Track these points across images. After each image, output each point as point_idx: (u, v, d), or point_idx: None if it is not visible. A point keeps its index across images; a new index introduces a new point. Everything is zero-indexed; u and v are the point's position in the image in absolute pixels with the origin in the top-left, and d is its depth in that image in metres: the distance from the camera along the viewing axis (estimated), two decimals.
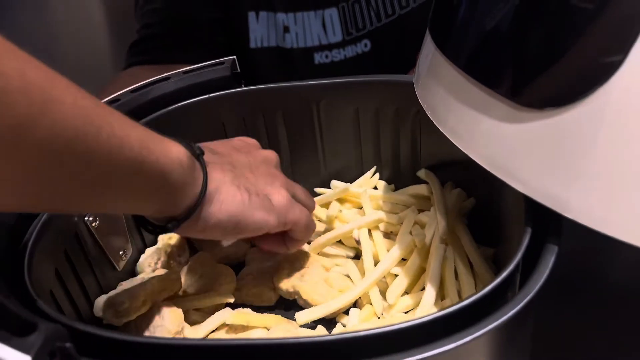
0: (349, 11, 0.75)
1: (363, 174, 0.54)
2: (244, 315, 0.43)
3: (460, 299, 0.39)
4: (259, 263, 0.49)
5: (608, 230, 0.28)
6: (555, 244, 0.32)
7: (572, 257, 0.41)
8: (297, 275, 0.46)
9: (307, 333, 0.42)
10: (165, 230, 0.38)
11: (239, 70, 0.52)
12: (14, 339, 0.27)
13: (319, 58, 0.76)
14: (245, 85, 0.51)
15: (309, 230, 0.45)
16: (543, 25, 0.30)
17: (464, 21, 0.35)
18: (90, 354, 0.29)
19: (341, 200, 0.52)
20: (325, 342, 0.29)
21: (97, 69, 1.01)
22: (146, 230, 0.39)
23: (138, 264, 0.49)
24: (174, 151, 0.34)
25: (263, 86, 0.51)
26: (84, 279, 0.43)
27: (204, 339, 0.42)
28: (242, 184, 0.40)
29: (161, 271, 0.48)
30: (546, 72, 0.30)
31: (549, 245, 0.32)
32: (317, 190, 0.55)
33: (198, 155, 0.38)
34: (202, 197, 0.37)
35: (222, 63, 0.51)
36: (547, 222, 0.33)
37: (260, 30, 0.75)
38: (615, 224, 0.28)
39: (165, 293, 0.43)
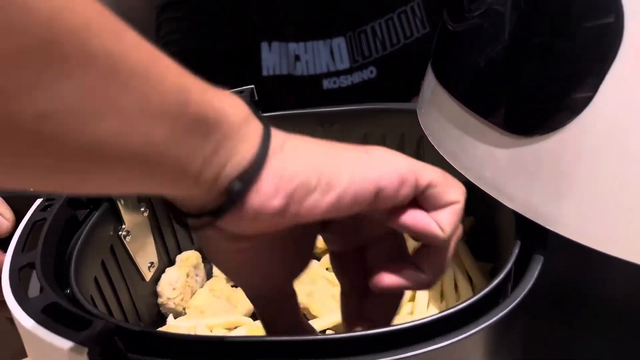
0: (356, 40, 0.77)
1: None
2: (257, 331, 0.43)
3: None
4: None
5: (588, 241, 0.31)
6: (541, 254, 0.34)
7: (563, 273, 0.42)
8: (304, 292, 0.47)
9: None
10: (215, 215, 0.25)
11: (257, 98, 0.53)
12: (72, 333, 0.30)
13: (327, 84, 0.77)
14: (262, 112, 0.54)
15: (451, 182, 0.28)
16: (528, 66, 0.33)
17: (461, 60, 0.38)
18: (134, 351, 0.30)
19: None
20: (328, 341, 0.29)
21: None
22: (181, 224, 0.27)
23: (159, 283, 0.50)
24: (223, 93, 0.24)
25: (279, 113, 0.53)
26: (117, 287, 0.45)
27: (238, 336, 0.41)
28: (321, 140, 0.28)
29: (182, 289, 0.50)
30: (532, 104, 0.33)
31: (535, 255, 0.34)
32: None
33: (254, 110, 0.26)
34: (266, 143, 0.25)
35: (242, 92, 0.52)
36: (535, 236, 0.34)
37: (273, 59, 0.77)
38: (594, 236, 0.31)
39: None
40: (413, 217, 0.27)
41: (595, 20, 0.30)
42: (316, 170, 0.25)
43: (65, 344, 0.30)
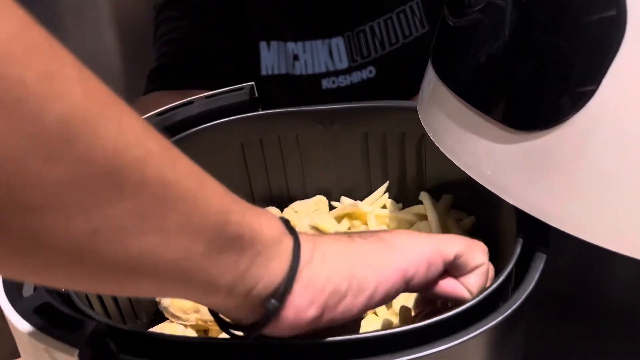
0: (354, 40, 0.77)
1: (371, 192, 0.55)
2: None
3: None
4: None
5: (591, 238, 0.30)
6: (544, 252, 0.33)
7: (566, 273, 0.42)
8: None
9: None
10: (254, 329, 0.27)
11: (257, 95, 0.53)
12: (63, 334, 0.30)
13: (326, 84, 0.78)
14: (262, 109, 0.53)
15: (475, 248, 0.31)
16: (529, 60, 0.32)
17: (461, 55, 0.38)
18: (127, 352, 0.30)
19: (351, 217, 0.53)
20: (327, 344, 0.29)
21: None
22: (233, 335, 0.29)
23: None
24: (261, 212, 0.27)
25: (279, 110, 0.52)
26: None
27: (235, 338, 0.42)
28: (344, 237, 0.30)
29: None
30: (533, 99, 0.32)
31: (538, 254, 0.34)
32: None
33: (287, 224, 0.28)
34: (297, 258, 0.26)
35: (242, 89, 0.52)
36: (536, 234, 0.34)
37: (271, 58, 0.77)
38: (597, 232, 0.30)
39: None
40: (443, 288, 0.31)
41: (597, 13, 0.30)
42: (346, 276, 0.27)
43: (56, 345, 0.29)
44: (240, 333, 0.28)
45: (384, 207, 0.55)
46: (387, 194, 0.55)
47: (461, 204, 0.52)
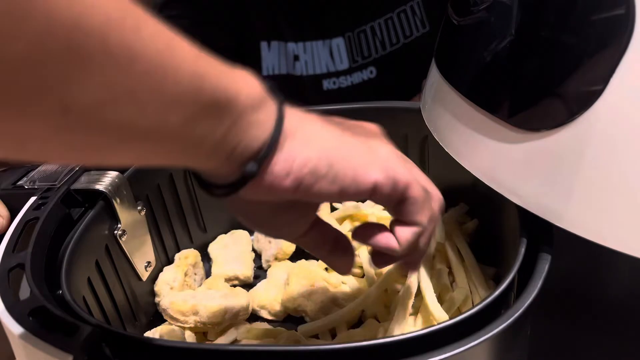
0: (355, 40, 0.77)
1: None
2: (255, 332, 0.43)
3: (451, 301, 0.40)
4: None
5: (596, 238, 0.30)
6: (548, 253, 0.33)
7: (570, 272, 0.42)
8: (303, 294, 0.46)
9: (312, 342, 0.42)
10: (232, 189, 0.28)
11: None
12: (57, 339, 0.30)
13: (327, 84, 0.77)
14: None
15: (426, 205, 0.32)
16: (536, 59, 0.32)
17: (466, 54, 0.37)
18: (122, 357, 0.30)
19: (353, 218, 0.53)
20: (325, 351, 0.29)
21: None
22: (209, 193, 0.29)
23: (156, 282, 0.49)
24: (239, 74, 0.26)
25: None
26: (112, 288, 0.44)
27: (225, 344, 0.42)
28: (333, 125, 0.30)
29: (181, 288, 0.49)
30: (540, 99, 0.32)
31: (542, 254, 0.33)
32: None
33: (272, 89, 0.28)
34: (279, 127, 0.27)
35: None
36: (541, 236, 0.34)
37: (272, 58, 0.77)
38: (603, 232, 0.30)
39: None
40: (374, 236, 0.33)
41: (605, 11, 0.30)
42: (327, 160, 0.28)
43: (50, 350, 0.29)
44: (222, 191, 0.29)
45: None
46: None
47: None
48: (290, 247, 0.53)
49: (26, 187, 0.45)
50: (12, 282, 0.35)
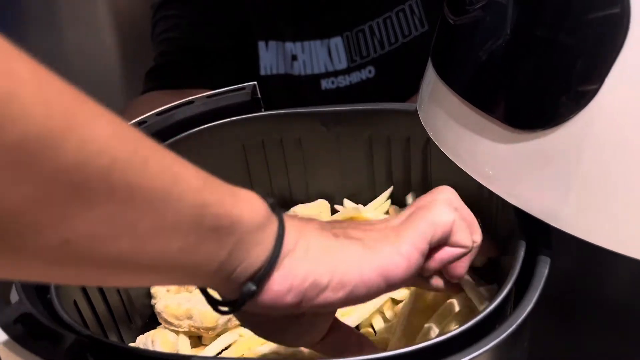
0: (353, 40, 0.76)
1: (375, 197, 0.54)
2: (249, 337, 0.43)
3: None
4: None
5: (593, 239, 0.30)
6: (547, 255, 0.33)
7: (568, 273, 0.42)
8: None
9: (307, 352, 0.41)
10: (234, 307, 0.28)
11: (259, 95, 0.51)
12: (42, 348, 0.29)
13: (325, 84, 0.77)
14: (264, 110, 0.51)
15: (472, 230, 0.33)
16: (531, 59, 0.32)
17: (462, 54, 0.37)
18: None
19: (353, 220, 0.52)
20: None
21: (109, 93, 0.98)
22: (214, 309, 0.29)
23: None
24: (244, 197, 0.26)
25: (282, 111, 0.51)
26: (105, 290, 0.43)
27: (210, 356, 0.41)
28: (327, 231, 0.30)
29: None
30: (535, 98, 0.32)
31: (541, 257, 0.33)
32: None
33: (274, 207, 0.28)
34: (279, 246, 0.27)
35: (243, 88, 0.51)
36: (539, 237, 0.34)
37: (270, 58, 0.77)
38: (599, 233, 0.30)
39: None
40: (440, 259, 0.32)
41: (600, 10, 0.30)
42: (327, 270, 0.28)
43: (33, 359, 0.29)
44: (226, 308, 0.29)
45: (387, 213, 0.54)
46: (389, 201, 0.54)
47: None
48: None
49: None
50: (4, 286, 0.35)
